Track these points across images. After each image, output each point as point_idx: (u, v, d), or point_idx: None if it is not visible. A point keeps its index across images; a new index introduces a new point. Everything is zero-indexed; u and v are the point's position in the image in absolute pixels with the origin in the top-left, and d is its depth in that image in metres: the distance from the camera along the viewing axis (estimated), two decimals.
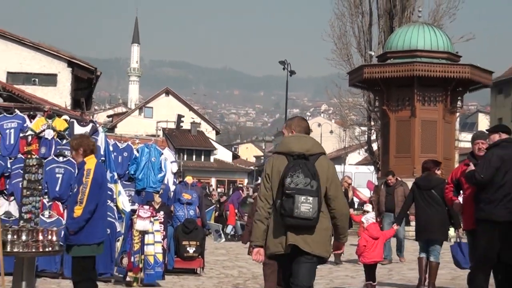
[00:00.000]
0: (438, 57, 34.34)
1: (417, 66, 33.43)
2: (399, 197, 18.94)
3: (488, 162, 11.16)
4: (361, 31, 44.52)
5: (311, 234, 7.92)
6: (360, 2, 44.40)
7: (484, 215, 11.11)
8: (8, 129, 15.08)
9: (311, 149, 8.18)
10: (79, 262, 9.74)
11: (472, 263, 11.73)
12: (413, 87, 33.80)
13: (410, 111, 34.06)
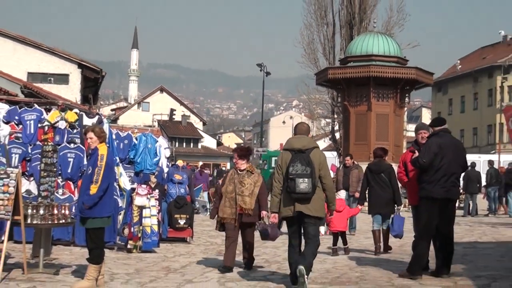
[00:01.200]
0: (389, 61, 34.52)
1: (373, 68, 33.63)
2: (354, 178, 19.02)
3: (428, 148, 11.33)
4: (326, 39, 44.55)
5: (310, 203, 10.07)
6: (325, 14, 44.42)
7: (425, 193, 11.27)
8: (29, 121, 15.17)
9: (306, 145, 10.36)
10: (94, 232, 9.90)
11: (416, 233, 11.87)
12: (369, 86, 33.94)
13: (366, 106, 34.22)
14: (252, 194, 11.68)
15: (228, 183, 11.94)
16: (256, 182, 11.86)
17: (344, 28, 43.97)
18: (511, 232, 17.51)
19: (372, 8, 43.67)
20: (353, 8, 43.54)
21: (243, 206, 11.60)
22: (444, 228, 11.49)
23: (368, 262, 13.28)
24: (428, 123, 13.04)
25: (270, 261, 13.66)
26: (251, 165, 12.22)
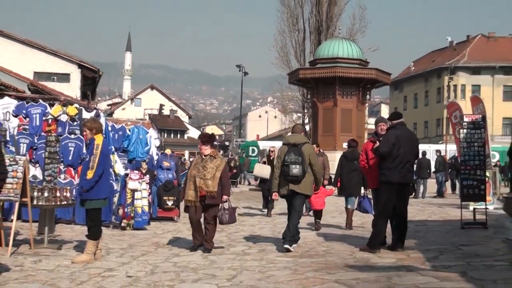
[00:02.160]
0: (352, 63, 34.66)
1: (338, 69, 33.77)
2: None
3: (387, 139, 11.38)
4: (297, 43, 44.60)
5: (300, 183, 11.56)
6: (296, 22, 44.51)
7: (384, 178, 11.34)
8: (35, 114, 15.25)
9: (299, 140, 11.91)
10: (91, 212, 9.98)
11: (375, 212, 11.98)
12: (335, 84, 34.07)
13: (333, 102, 34.35)
14: (214, 177, 11.10)
15: (192, 168, 11.53)
16: (218, 166, 11.31)
17: (313, 34, 44.04)
18: (455, 212, 17.58)
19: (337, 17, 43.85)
20: (321, 17, 43.62)
21: (204, 188, 11.03)
22: (400, 209, 11.59)
23: (334, 238, 13.32)
24: (386, 117, 13.07)
25: (247, 237, 13.66)
26: (215, 151, 11.71)
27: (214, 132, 19.11)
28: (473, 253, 10.98)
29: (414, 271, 9.22)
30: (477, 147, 15.64)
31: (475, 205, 15.92)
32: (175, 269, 9.56)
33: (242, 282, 8.46)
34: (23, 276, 8.68)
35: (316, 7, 43.79)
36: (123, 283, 8.45)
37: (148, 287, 8.20)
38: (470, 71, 77.45)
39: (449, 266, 9.67)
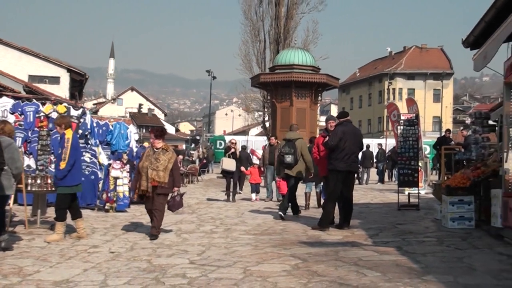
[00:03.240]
0: (306, 69, 34.70)
1: (294, 74, 33.80)
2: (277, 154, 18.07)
3: (335, 134, 11.46)
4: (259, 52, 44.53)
5: (292, 169, 13.33)
6: (258, 33, 44.41)
7: (333, 167, 11.43)
8: (29, 112, 15.19)
9: (293, 137, 13.65)
10: (59, 196, 9.97)
11: (325, 196, 12.09)
12: (291, 87, 34.09)
13: (289, 102, 34.35)
14: (166, 169, 10.29)
15: (144, 160, 10.50)
16: (170, 158, 10.47)
17: (273, 44, 44.00)
18: (393, 196, 17.76)
19: (293, 30, 43.83)
20: (279, 30, 43.62)
21: (157, 179, 10.19)
22: (346, 193, 11.69)
23: (290, 218, 13.35)
24: (335, 115, 13.19)
25: (215, 218, 13.62)
26: (166, 144, 10.91)
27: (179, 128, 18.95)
28: (407, 231, 11.12)
29: (358, 246, 9.30)
30: (412, 141, 15.82)
31: (410, 190, 16.10)
32: (152, 246, 9.52)
33: (210, 256, 8.46)
34: (19, 253, 8.60)
35: (275, 21, 43.82)
36: (106, 258, 8.40)
37: (129, 261, 8.14)
38: (406, 77, 78.55)
39: (387, 242, 9.77)
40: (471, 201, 11.62)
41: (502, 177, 10.13)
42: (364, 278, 6.85)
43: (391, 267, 7.50)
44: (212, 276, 7.03)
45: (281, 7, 43.75)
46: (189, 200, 18.49)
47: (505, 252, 8.57)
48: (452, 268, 7.48)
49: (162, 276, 7.13)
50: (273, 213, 14.61)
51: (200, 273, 7.25)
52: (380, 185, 28.81)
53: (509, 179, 9.74)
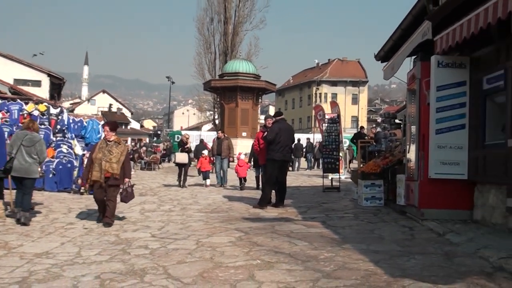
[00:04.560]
0: (249, 76, 34.82)
1: (239, 81, 33.88)
2: (224, 146, 17.52)
3: (272, 130, 11.49)
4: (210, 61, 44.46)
5: None
6: (209, 46, 44.40)
7: (270, 156, 11.45)
8: (14, 110, 14.97)
9: None
10: None
11: (264, 180, 12.10)
12: (237, 91, 34.13)
13: (235, 104, 34.38)
14: (118, 161, 9.17)
15: (97, 151, 9.29)
16: (123, 151, 9.34)
17: (221, 56, 43.97)
18: (319, 180, 17.93)
19: (239, 44, 43.89)
20: (227, 44, 43.63)
21: (110, 171, 9.08)
22: (281, 178, 11.73)
23: (235, 199, 13.35)
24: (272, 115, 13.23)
25: (173, 199, 13.52)
26: (118, 137, 9.67)
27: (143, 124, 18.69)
28: (330, 208, 11.25)
29: (290, 221, 9.37)
30: (334, 136, 16.01)
31: (332, 176, 16.28)
32: (119, 222, 9.38)
33: (169, 231, 8.40)
34: (5, 230, 8.36)
35: (223, 36, 43.86)
36: (81, 233, 8.25)
37: (99, 236, 8.01)
38: (330, 83, 79.52)
39: (314, 217, 9.87)
40: (381, 184, 11.85)
41: (405, 165, 10.38)
42: (295, 247, 6.92)
43: (317, 238, 7.59)
44: (170, 247, 6.99)
45: (229, 25, 43.83)
46: (151, 185, 18.34)
47: (407, 225, 8.77)
48: (365, 238, 7.62)
49: (128, 247, 7.05)
50: (220, 195, 14.60)
51: (160, 244, 7.20)
52: (309, 171, 29.12)
53: (410, 166, 9.98)
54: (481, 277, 5.28)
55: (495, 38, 8.50)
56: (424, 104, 9.32)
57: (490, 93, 8.43)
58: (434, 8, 9.20)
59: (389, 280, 5.16)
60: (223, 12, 43.95)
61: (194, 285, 5.03)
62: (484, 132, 8.62)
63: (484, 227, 8.20)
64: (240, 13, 43.91)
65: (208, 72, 44.45)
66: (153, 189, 16.46)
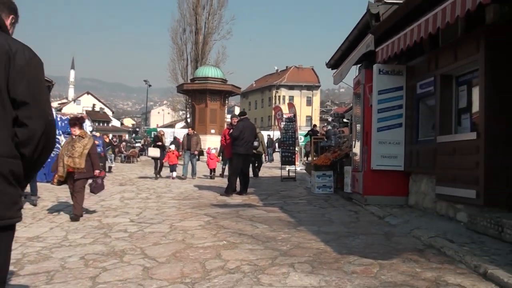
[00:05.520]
0: (217, 81, 34.60)
1: (208, 84, 33.63)
2: (193, 142, 16.97)
3: (237, 128, 11.49)
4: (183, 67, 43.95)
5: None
6: (182, 54, 43.89)
7: (235, 151, 11.45)
8: None
9: None
10: None
11: (229, 172, 12.06)
12: (206, 94, 33.86)
13: (205, 104, 34.10)
14: (81, 155, 8.19)
15: (64, 147, 8.50)
16: (86, 145, 8.34)
17: (193, 62, 43.57)
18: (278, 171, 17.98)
19: (208, 52, 43.62)
20: (198, 51, 43.31)
21: (72, 166, 8.13)
22: (245, 169, 11.75)
23: (204, 188, 13.31)
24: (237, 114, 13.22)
25: (149, 188, 13.38)
26: (83, 131, 8.68)
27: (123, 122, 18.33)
28: (287, 196, 11.33)
29: (253, 207, 9.40)
30: (291, 133, 16.11)
31: (289, 167, 16.39)
32: (101, 209, 9.24)
33: (146, 216, 8.31)
34: None
35: (195, 45, 43.52)
36: (67, 219, 8.09)
37: (84, 221, 7.88)
38: (288, 87, 79.85)
39: (273, 203, 9.92)
40: (331, 174, 11.99)
41: (352, 158, 10.53)
42: (256, 229, 6.94)
43: (275, 221, 7.63)
44: (147, 231, 6.93)
45: (199, 35, 43.53)
46: (130, 176, 18.08)
47: (353, 209, 8.91)
48: (317, 221, 7.70)
49: (109, 231, 6.96)
50: (192, 184, 14.53)
51: (138, 228, 7.13)
52: (269, 163, 29.18)
53: (355, 159, 10.13)
54: (414, 253, 5.41)
55: (426, 50, 8.70)
56: (368, 105, 9.47)
57: (423, 96, 8.62)
58: (376, 24, 9.34)
59: (337, 257, 5.23)
60: (194, 23, 43.62)
61: (167, 264, 5.00)
62: (418, 130, 8.82)
63: (417, 211, 8.39)
64: (210, 25, 43.66)
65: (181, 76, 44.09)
66: (131, 180, 16.25)
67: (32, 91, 2.23)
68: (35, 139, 2.23)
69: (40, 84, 2.32)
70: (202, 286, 4.22)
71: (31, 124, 2.22)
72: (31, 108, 2.22)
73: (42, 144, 2.26)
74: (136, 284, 4.30)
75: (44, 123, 2.25)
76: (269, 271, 4.67)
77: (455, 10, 5.84)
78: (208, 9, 43.69)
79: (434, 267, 4.81)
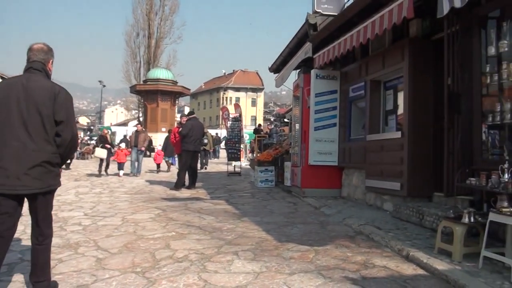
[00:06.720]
0: (168, 82, 34.19)
1: (159, 86, 33.17)
2: (141, 138, 15.95)
3: (186, 126, 11.36)
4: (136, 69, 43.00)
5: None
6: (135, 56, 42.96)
7: (185, 148, 11.32)
8: None
9: None
10: None
11: (179, 167, 11.90)
12: (158, 94, 33.39)
13: (156, 104, 33.59)
14: None
15: None
16: None
17: (146, 64, 42.73)
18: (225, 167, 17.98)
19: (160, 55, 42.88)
20: (150, 54, 42.53)
21: None
22: (193, 165, 11.62)
23: (155, 183, 13.07)
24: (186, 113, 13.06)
25: (103, 183, 12.96)
26: None
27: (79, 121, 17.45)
28: (232, 189, 11.33)
29: (201, 200, 9.33)
30: (237, 131, 16.12)
31: (235, 163, 16.41)
32: (57, 204, 8.85)
33: (99, 210, 8.06)
34: None
35: (147, 49, 42.72)
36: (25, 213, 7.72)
37: None
38: (234, 89, 79.80)
39: (220, 196, 9.90)
40: (273, 169, 12.11)
41: (291, 155, 10.67)
42: (204, 220, 6.90)
43: (221, 213, 7.62)
44: (100, 224, 6.73)
45: (152, 39, 42.80)
46: (84, 171, 17.47)
47: (292, 201, 9.03)
48: (259, 212, 7.75)
49: (64, 225, 6.70)
50: (143, 180, 14.24)
51: (92, 221, 6.91)
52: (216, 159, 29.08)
53: (294, 156, 10.28)
54: (345, 239, 5.55)
55: (358, 58, 8.94)
56: (306, 107, 9.62)
57: (354, 99, 8.86)
58: (314, 33, 9.50)
59: (277, 244, 5.29)
60: (147, 28, 42.79)
61: (119, 255, 4.88)
62: (350, 129, 9.06)
63: (349, 202, 8.62)
64: (162, 30, 42.99)
65: (134, 78, 43.15)
66: (86, 175, 15.73)
67: (66, 116, 3.40)
68: (65, 144, 3.44)
69: (71, 112, 3.50)
70: (152, 274, 4.15)
71: (63, 135, 3.41)
72: (64, 125, 3.40)
73: (69, 146, 3.48)
74: (90, 275, 4.18)
75: (71, 135, 3.45)
76: (214, 259, 4.65)
77: (383, 23, 6.04)
78: (160, 15, 43.08)
79: (363, 251, 4.96)
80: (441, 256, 4.48)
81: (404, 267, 4.37)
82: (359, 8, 7.09)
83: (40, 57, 3.56)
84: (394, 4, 5.75)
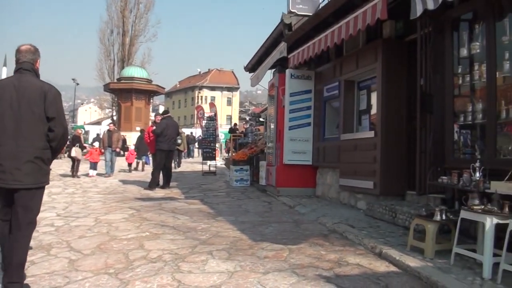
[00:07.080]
0: (143, 80, 33.86)
1: (134, 84, 32.81)
2: (114, 138, 15.51)
3: (160, 125, 11.25)
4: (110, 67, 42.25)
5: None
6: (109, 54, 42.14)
7: (159, 147, 11.21)
8: None
9: None
10: None
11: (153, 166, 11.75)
12: (132, 93, 33.03)
13: (130, 103, 33.22)
14: None
15: None
16: None
17: (120, 62, 42.09)
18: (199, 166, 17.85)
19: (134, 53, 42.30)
20: (124, 52, 41.89)
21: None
22: (168, 164, 11.51)
23: (129, 183, 12.89)
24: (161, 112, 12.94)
25: (76, 183, 12.72)
26: None
27: None
28: (207, 189, 11.27)
29: (175, 200, 9.24)
30: (212, 130, 16.03)
31: (210, 162, 16.32)
32: None
33: (72, 210, 7.88)
34: None
35: (122, 46, 42.07)
36: None
37: None
38: (210, 88, 79.42)
39: (194, 196, 9.83)
40: (248, 168, 12.09)
41: (266, 154, 10.67)
42: (178, 220, 6.83)
43: (196, 213, 7.56)
44: (73, 224, 6.57)
45: (126, 37, 42.20)
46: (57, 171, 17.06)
47: (267, 200, 9.03)
48: (234, 211, 7.72)
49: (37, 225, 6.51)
50: (117, 179, 14.03)
51: (64, 222, 6.75)
52: (191, 159, 28.92)
53: (269, 155, 10.28)
54: (319, 238, 5.58)
55: (332, 58, 9.00)
56: (281, 106, 9.64)
57: (329, 99, 8.91)
58: (288, 33, 9.52)
59: (251, 243, 5.27)
60: (121, 25, 42.16)
61: (92, 256, 4.78)
62: (324, 129, 9.11)
63: (324, 201, 8.68)
64: (136, 27, 42.41)
65: (108, 76, 42.45)
66: (59, 175, 15.38)
67: (57, 112, 3.59)
68: (58, 138, 3.61)
69: (60, 107, 3.68)
70: (125, 275, 4.07)
71: (56, 130, 3.58)
72: (56, 121, 3.58)
73: (61, 140, 3.65)
74: (63, 276, 4.07)
75: (63, 129, 3.63)
76: (189, 259, 4.60)
77: (357, 24, 6.08)
78: (135, 12, 42.49)
79: (337, 249, 4.98)
80: (414, 253, 4.54)
81: (377, 264, 4.40)
82: (333, 9, 7.14)
83: (29, 57, 3.76)
84: (368, 5, 5.80)
